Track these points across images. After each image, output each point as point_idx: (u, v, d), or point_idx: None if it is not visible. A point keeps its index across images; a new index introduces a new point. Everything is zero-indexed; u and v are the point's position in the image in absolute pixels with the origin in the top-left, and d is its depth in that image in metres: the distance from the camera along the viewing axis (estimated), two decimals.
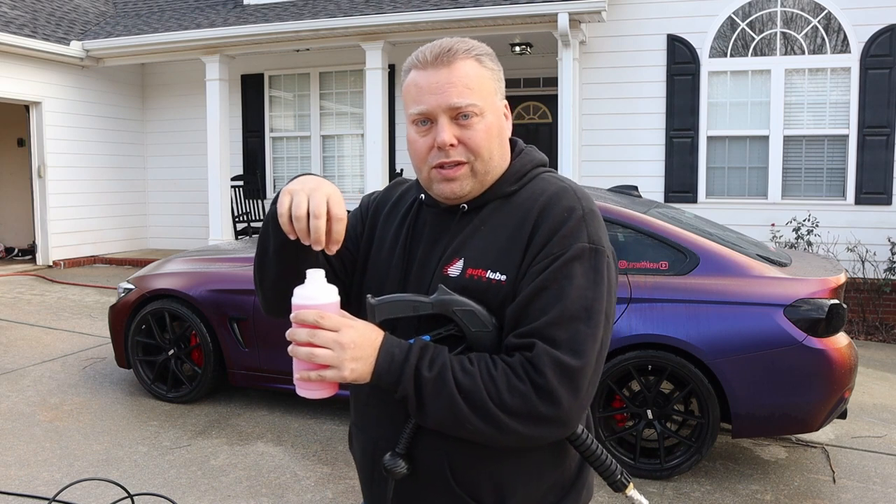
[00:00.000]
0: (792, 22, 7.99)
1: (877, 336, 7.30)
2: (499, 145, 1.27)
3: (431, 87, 1.22)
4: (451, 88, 1.21)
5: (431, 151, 1.24)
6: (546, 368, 1.12)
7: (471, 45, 1.26)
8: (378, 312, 1.20)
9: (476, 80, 1.23)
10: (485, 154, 1.24)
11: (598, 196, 4.48)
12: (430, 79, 1.23)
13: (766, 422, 3.76)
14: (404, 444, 1.22)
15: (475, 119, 1.22)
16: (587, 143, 8.58)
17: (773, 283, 3.82)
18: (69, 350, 6.09)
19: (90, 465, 3.97)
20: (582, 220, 1.21)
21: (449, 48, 1.24)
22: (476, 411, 1.12)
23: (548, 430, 1.14)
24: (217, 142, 9.52)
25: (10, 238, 11.53)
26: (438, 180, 1.25)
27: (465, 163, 1.24)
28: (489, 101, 1.25)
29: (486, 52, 1.28)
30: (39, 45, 9.22)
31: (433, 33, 8.58)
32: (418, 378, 1.14)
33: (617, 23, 8.41)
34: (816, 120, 8.01)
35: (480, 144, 1.23)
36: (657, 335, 3.80)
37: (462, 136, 1.22)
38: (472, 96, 1.22)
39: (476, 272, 1.22)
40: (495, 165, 1.27)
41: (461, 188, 1.25)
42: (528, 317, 1.16)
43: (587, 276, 1.18)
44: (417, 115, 1.24)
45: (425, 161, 1.25)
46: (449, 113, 1.22)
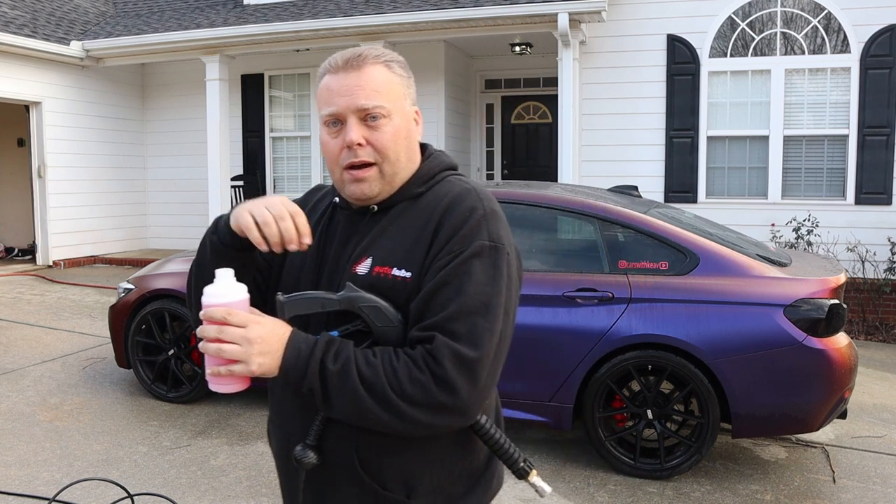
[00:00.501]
0: (792, 22, 7.99)
1: (877, 336, 7.30)
2: (406, 148, 1.32)
3: (341, 90, 1.29)
4: (359, 91, 1.28)
5: (342, 152, 1.29)
6: (445, 359, 1.17)
7: (381, 52, 1.33)
8: (287, 309, 1.25)
9: (384, 84, 1.30)
10: (392, 155, 1.29)
11: (599, 196, 4.48)
12: (340, 82, 1.29)
13: (766, 422, 3.76)
14: (314, 435, 1.27)
15: (383, 121, 1.28)
16: (587, 143, 8.58)
17: (773, 283, 3.82)
18: (69, 350, 6.09)
19: (90, 465, 3.97)
20: (483, 220, 1.26)
21: (359, 54, 1.31)
22: (378, 402, 1.17)
23: (448, 419, 1.19)
24: (217, 142, 9.52)
25: (10, 238, 11.53)
26: (349, 181, 1.31)
27: (373, 164, 1.29)
28: (397, 105, 1.31)
29: (396, 60, 1.34)
30: (39, 45, 9.22)
31: (433, 33, 8.58)
32: (323, 371, 1.19)
33: (617, 23, 8.41)
34: (816, 120, 8.01)
35: (387, 146, 1.29)
36: (657, 335, 3.80)
37: (370, 137, 1.28)
38: (379, 98, 1.28)
39: (383, 270, 1.28)
40: (402, 167, 1.32)
41: (370, 189, 1.30)
42: (429, 311, 1.21)
43: (486, 273, 1.23)
44: (328, 116, 1.30)
45: (337, 162, 1.31)
46: (357, 114, 1.28)
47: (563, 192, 4.48)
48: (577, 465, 4.06)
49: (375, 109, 1.28)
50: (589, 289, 3.96)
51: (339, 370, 1.19)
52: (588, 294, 3.95)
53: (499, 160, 11.03)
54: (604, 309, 3.90)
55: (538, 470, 3.96)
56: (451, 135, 10.06)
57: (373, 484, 1.29)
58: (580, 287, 3.98)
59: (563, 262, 4.22)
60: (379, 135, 1.29)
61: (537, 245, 4.36)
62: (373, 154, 1.29)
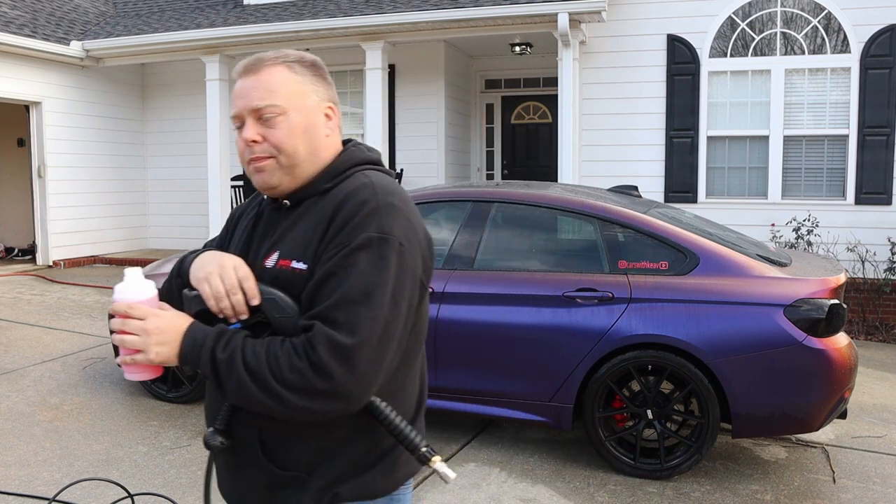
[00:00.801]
0: (792, 22, 7.99)
1: (877, 336, 7.30)
2: (306, 142, 1.39)
3: (239, 93, 1.39)
4: (253, 92, 1.37)
5: (246, 149, 1.38)
6: (319, 346, 1.23)
7: (284, 54, 1.41)
8: (192, 304, 1.36)
9: (280, 83, 1.38)
10: (288, 149, 1.37)
11: (599, 196, 4.48)
12: (240, 85, 1.39)
13: (766, 422, 3.76)
14: (222, 420, 1.36)
15: (278, 118, 1.36)
16: (587, 143, 8.58)
17: (773, 283, 3.82)
18: (69, 350, 6.09)
19: (90, 465, 3.97)
20: (374, 213, 1.31)
21: (259, 58, 1.40)
22: (261, 388, 1.25)
23: (327, 404, 1.25)
24: (217, 142, 9.52)
25: (10, 238, 11.53)
26: (252, 173, 1.40)
27: (267, 157, 1.38)
28: (294, 102, 1.38)
29: (301, 60, 1.41)
30: (39, 45, 9.22)
31: (433, 33, 8.58)
32: (213, 359, 1.28)
33: (617, 23, 8.41)
34: (816, 120, 8.01)
35: (282, 141, 1.36)
36: (657, 335, 3.80)
37: (265, 133, 1.37)
38: (272, 98, 1.36)
39: (285, 263, 1.36)
40: (303, 160, 1.39)
41: (270, 178, 1.39)
42: (316, 301, 1.28)
43: (371, 263, 1.28)
44: (232, 117, 1.41)
45: (244, 159, 1.40)
46: (252, 114, 1.37)
47: (563, 192, 4.48)
48: (577, 465, 4.06)
49: (267, 109, 1.36)
50: (589, 289, 3.96)
51: (227, 359, 1.27)
52: (588, 294, 3.95)
53: (499, 160, 11.03)
54: (604, 309, 3.90)
55: (539, 471, 3.96)
56: (451, 135, 10.06)
57: (273, 468, 1.36)
58: (580, 287, 3.98)
59: (563, 262, 4.22)
60: (272, 132, 1.37)
61: (537, 245, 4.36)
62: (269, 149, 1.37)
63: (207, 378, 1.33)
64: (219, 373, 1.28)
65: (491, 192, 4.51)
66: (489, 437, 4.46)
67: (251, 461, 1.39)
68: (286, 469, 1.36)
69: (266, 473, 1.38)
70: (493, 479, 3.87)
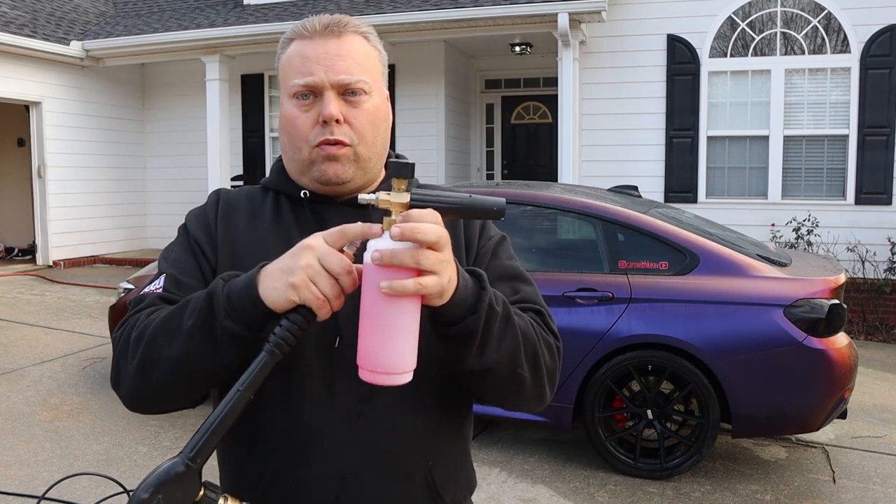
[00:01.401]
0: (792, 22, 7.99)
1: (877, 336, 7.30)
2: (383, 131, 1.18)
3: (319, 58, 1.12)
4: (340, 61, 1.12)
5: (315, 128, 1.12)
6: (554, 329, 1.15)
7: (358, 22, 1.18)
8: None
9: (365, 56, 1.15)
10: (369, 138, 1.14)
11: (599, 196, 4.49)
12: (317, 49, 1.12)
13: (766, 422, 3.76)
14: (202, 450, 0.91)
15: (364, 97, 1.13)
16: (587, 143, 8.58)
17: (773, 283, 3.82)
18: (69, 350, 6.09)
19: (90, 465, 3.97)
20: None
21: (339, 19, 1.15)
22: (528, 357, 1.05)
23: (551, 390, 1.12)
24: (217, 142, 9.52)
25: (10, 238, 11.53)
26: (321, 160, 1.13)
27: (348, 144, 1.13)
28: (377, 83, 1.17)
29: (373, 32, 1.21)
30: (39, 45, 9.22)
31: (433, 33, 8.58)
32: (492, 307, 0.99)
33: (617, 23, 8.41)
34: (816, 120, 8.01)
35: (366, 126, 1.14)
36: (657, 335, 3.80)
37: (348, 114, 1.12)
38: (361, 72, 1.13)
39: None
40: (377, 153, 1.17)
41: (344, 171, 1.13)
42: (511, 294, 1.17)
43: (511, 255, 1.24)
44: (303, 86, 1.12)
45: (306, 139, 1.13)
46: (336, 87, 1.12)
47: (563, 192, 4.48)
48: (577, 465, 4.06)
49: (357, 84, 1.12)
50: (589, 289, 3.96)
51: (504, 313, 1.01)
52: (588, 294, 3.95)
53: (499, 160, 11.02)
54: (604, 309, 3.90)
55: (539, 471, 3.96)
56: (451, 135, 10.06)
57: None
58: (580, 287, 3.98)
59: (563, 262, 4.22)
60: (358, 113, 1.13)
61: (537, 245, 4.36)
62: (349, 134, 1.12)
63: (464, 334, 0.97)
64: (491, 327, 0.99)
65: (491, 192, 4.51)
66: (489, 437, 4.46)
67: None
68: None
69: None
70: (493, 479, 3.87)
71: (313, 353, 1.08)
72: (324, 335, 1.08)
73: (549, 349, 1.09)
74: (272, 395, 1.08)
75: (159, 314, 1.04)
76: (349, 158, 1.13)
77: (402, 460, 1.10)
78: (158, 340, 1.01)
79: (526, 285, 1.18)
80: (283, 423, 1.09)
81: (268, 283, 0.94)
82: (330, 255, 0.91)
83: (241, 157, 10.70)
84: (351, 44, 1.14)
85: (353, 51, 1.13)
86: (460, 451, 1.20)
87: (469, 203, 0.94)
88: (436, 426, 1.13)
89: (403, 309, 0.89)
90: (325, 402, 1.08)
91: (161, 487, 0.87)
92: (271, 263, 0.96)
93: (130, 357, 1.03)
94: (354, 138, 1.13)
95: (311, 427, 1.08)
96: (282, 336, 0.91)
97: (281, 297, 0.92)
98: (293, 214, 1.18)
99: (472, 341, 0.98)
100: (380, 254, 0.87)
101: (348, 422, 1.08)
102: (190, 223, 1.21)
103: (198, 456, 0.90)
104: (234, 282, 0.98)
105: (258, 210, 1.21)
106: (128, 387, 1.05)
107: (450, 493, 1.15)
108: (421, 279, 0.88)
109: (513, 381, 1.05)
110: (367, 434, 1.08)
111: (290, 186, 1.20)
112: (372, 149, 1.15)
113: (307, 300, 0.91)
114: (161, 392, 1.04)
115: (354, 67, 1.12)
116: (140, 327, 1.04)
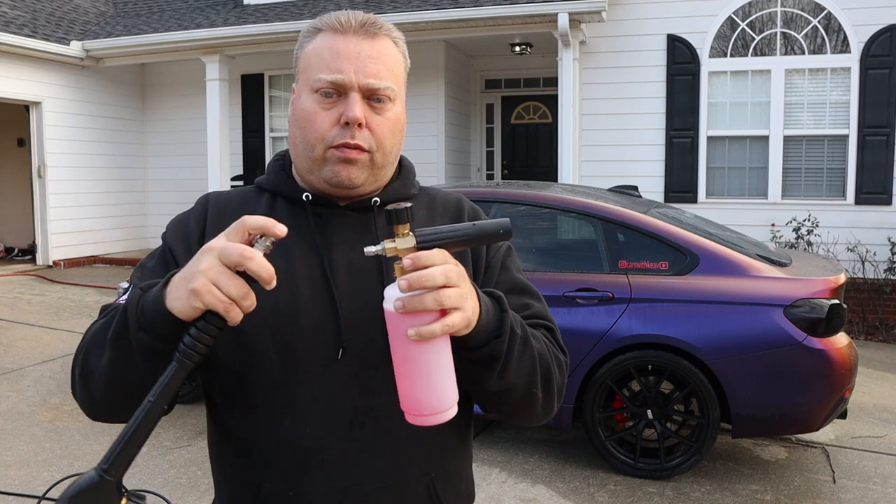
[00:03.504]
0: (792, 22, 7.99)
1: (877, 336, 7.30)
2: (399, 140, 1.15)
3: (351, 56, 1.07)
4: (372, 64, 1.08)
5: (333, 128, 1.08)
6: (562, 346, 1.15)
7: (391, 25, 1.15)
8: None
9: (394, 62, 1.12)
10: (388, 146, 1.11)
11: (599, 196, 4.49)
12: (351, 46, 1.08)
13: (766, 422, 3.76)
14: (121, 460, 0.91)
15: (388, 105, 1.10)
16: (587, 143, 8.58)
17: (773, 283, 3.82)
18: (69, 350, 6.09)
19: (90, 465, 3.96)
20: None
21: (375, 20, 1.11)
22: (543, 377, 1.06)
23: (557, 407, 1.13)
24: (217, 142, 9.52)
25: (10, 238, 11.53)
26: (335, 161, 1.08)
27: (366, 150, 1.09)
28: (401, 91, 1.14)
29: (402, 38, 1.16)
30: (39, 45, 9.22)
31: (433, 33, 8.58)
32: (513, 333, 1.00)
33: (617, 23, 8.41)
34: (816, 120, 8.01)
35: (386, 134, 1.10)
36: (657, 335, 3.80)
37: (371, 120, 1.09)
38: (391, 78, 1.10)
39: None
40: (391, 162, 1.15)
41: (358, 175, 1.09)
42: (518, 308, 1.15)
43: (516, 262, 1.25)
44: (329, 83, 1.07)
45: (322, 139, 1.08)
46: (364, 90, 1.08)
47: (563, 192, 4.48)
48: (577, 465, 4.06)
49: (385, 91, 1.09)
50: (589, 289, 3.96)
51: (523, 336, 1.02)
52: (588, 294, 3.95)
53: (499, 160, 11.03)
54: (604, 309, 3.90)
55: (539, 471, 3.96)
56: (451, 135, 10.06)
57: None
58: (580, 287, 3.98)
59: (563, 262, 4.22)
60: (381, 120, 1.10)
61: (537, 245, 4.36)
62: (369, 140, 1.09)
63: (488, 358, 0.98)
64: (512, 349, 0.99)
65: (491, 192, 4.51)
66: (489, 437, 4.46)
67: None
68: None
69: None
70: (493, 479, 3.87)
71: (315, 364, 1.06)
72: (326, 347, 1.06)
73: (560, 367, 1.10)
74: (273, 406, 1.07)
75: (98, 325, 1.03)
76: (365, 164, 1.10)
77: (404, 472, 1.09)
78: (91, 351, 1.01)
79: (536, 301, 1.18)
80: (284, 435, 1.07)
81: (173, 293, 0.90)
82: (228, 248, 0.87)
83: (241, 157, 10.70)
84: (384, 47, 1.11)
85: (385, 54, 1.10)
86: (461, 463, 1.19)
87: (475, 233, 0.94)
88: (437, 438, 1.11)
89: (434, 349, 0.89)
90: (327, 414, 1.06)
91: (76, 499, 0.86)
92: (180, 270, 0.92)
93: (75, 367, 1.04)
94: (374, 145, 1.09)
95: (314, 439, 1.06)
96: (189, 345, 0.88)
97: (185, 306, 0.88)
98: (291, 219, 1.12)
99: (495, 364, 0.99)
100: (402, 302, 0.87)
101: (350, 434, 1.06)
102: (168, 232, 1.17)
103: (112, 467, 0.88)
104: (149, 292, 0.95)
105: (251, 213, 1.10)
106: (78, 397, 1.06)
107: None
108: (446, 320, 0.88)
109: (527, 401, 1.06)
110: (369, 446, 1.07)
111: (291, 188, 1.15)
112: (388, 157, 1.13)
113: (211, 305, 0.86)
114: (105, 402, 1.02)
115: (384, 72, 1.09)
116: (86, 339, 1.04)
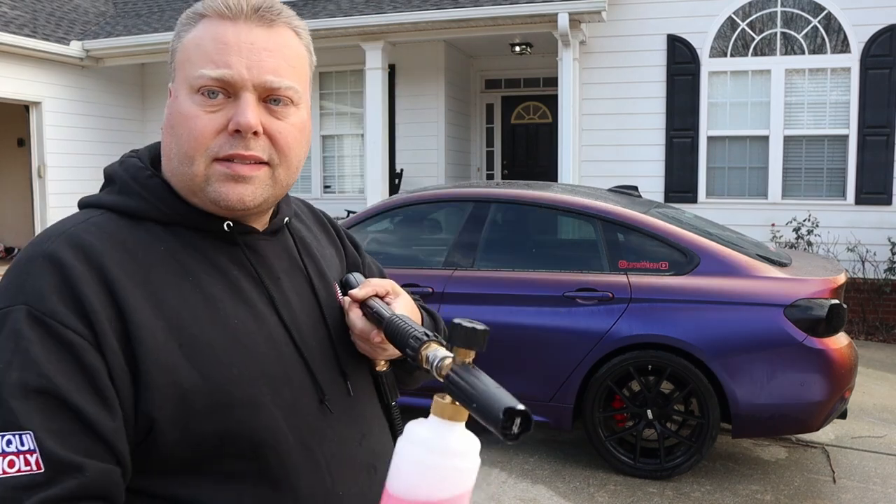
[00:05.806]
0: (792, 22, 7.99)
1: (877, 336, 7.30)
2: (305, 154, 0.97)
3: (243, 47, 0.87)
4: (268, 58, 0.88)
5: (219, 136, 0.87)
6: None
7: (292, 12, 0.95)
8: None
9: (297, 57, 0.93)
10: (293, 157, 0.93)
11: (599, 196, 4.48)
12: (242, 36, 0.87)
13: (766, 422, 3.76)
14: None
15: (290, 109, 0.91)
16: (587, 143, 8.58)
17: (773, 283, 3.82)
18: None
19: None
20: None
21: (272, 4, 0.91)
22: None
23: None
24: None
25: (10, 238, 11.53)
26: (222, 178, 0.87)
27: (265, 163, 0.89)
28: (306, 94, 0.95)
29: (306, 29, 0.98)
30: (39, 45, 9.22)
31: (433, 33, 8.58)
32: None
33: (617, 23, 8.41)
34: (816, 120, 8.01)
35: (291, 144, 0.91)
36: (657, 335, 3.80)
37: (270, 126, 0.89)
38: (293, 76, 0.91)
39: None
40: (293, 175, 0.95)
41: (254, 195, 0.89)
42: None
43: None
44: (214, 80, 0.87)
45: (205, 149, 0.87)
46: (259, 90, 0.88)
47: (563, 192, 4.48)
48: (577, 465, 4.05)
49: (286, 92, 0.90)
50: (589, 289, 3.96)
51: None
52: (588, 294, 3.95)
53: (499, 160, 11.03)
54: (604, 309, 3.90)
55: (539, 471, 3.96)
56: (451, 135, 10.06)
57: None
58: (580, 287, 3.98)
59: (563, 262, 4.22)
60: (283, 126, 0.90)
61: (537, 245, 4.36)
62: (269, 150, 0.89)
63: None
64: None
65: (491, 192, 4.51)
66: (489, 438, 4.43)
67: None
68: None
69: None
70: (493, 479, 3.87)
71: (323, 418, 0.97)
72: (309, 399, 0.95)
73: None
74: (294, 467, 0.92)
75: None
76: (263, 181, 0.90)
77: None
78: None
79: None
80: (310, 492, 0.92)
81: None
82: None
83: None
84: (283, 38, 0.91)
85: (286, 47, 0.91)
86: None
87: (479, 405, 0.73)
88: None
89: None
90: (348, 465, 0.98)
91: None
92: None
93: None
94: (275, 157, 0.90)
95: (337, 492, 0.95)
96: None
97: None
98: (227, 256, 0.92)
99: None
100: None
101: (367, 479, 0.99)
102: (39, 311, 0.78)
103: None
104: None
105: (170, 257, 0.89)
106: None
107: None
108: None
109: None
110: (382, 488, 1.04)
111: (198, 216, 0.91)
112: (293, 174, 0.94)
113: None
114: None
115: (285, 69, 0.90)
116: None
